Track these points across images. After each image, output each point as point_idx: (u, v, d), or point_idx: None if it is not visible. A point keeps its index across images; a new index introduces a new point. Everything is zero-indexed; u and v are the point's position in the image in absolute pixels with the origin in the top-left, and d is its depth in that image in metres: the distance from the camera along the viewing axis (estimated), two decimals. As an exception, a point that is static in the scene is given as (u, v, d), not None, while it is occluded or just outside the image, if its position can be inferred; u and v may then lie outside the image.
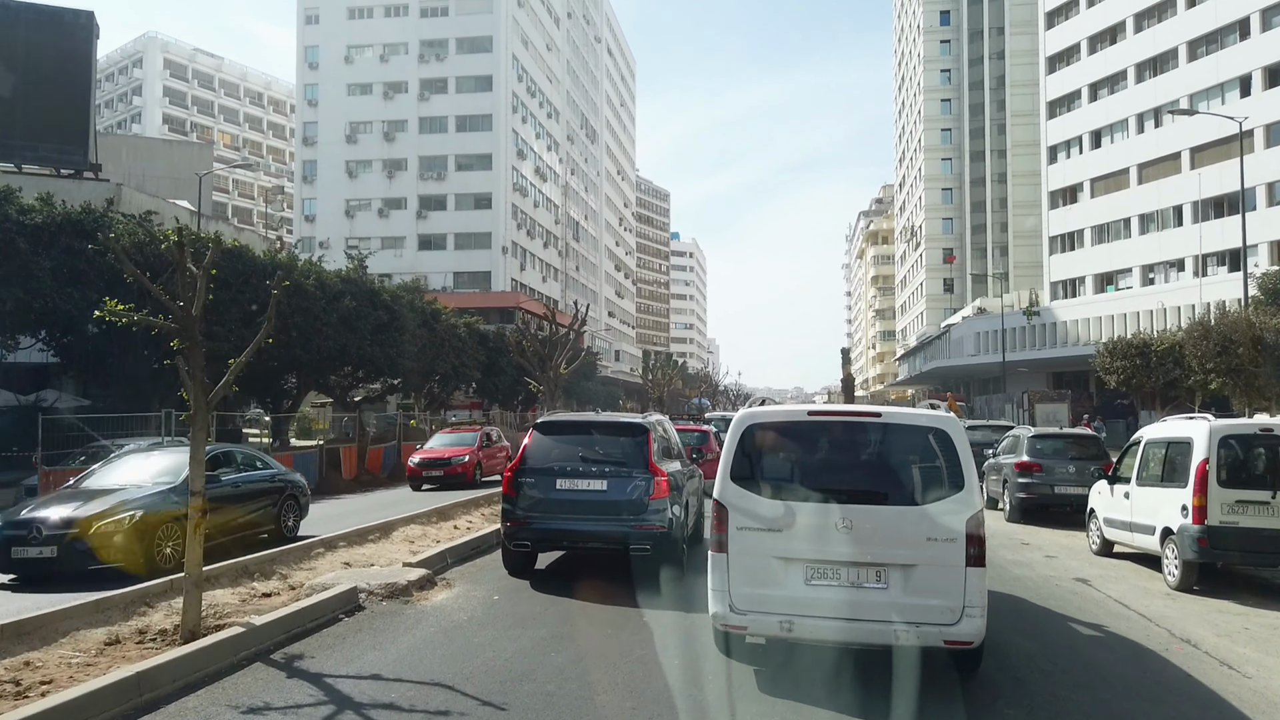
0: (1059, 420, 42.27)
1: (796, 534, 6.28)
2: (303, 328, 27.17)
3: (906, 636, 6.04)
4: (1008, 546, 12.84)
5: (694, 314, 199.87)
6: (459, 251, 68.86)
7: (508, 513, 9.88)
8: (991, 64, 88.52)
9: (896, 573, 6.14)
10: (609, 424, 10.61)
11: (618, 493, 9.56)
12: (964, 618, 6.00)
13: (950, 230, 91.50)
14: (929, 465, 6.39)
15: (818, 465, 6.64)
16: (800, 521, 6.29)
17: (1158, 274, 52.76)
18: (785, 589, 6.25)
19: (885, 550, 6.15)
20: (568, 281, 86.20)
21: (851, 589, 6.17)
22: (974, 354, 63.15)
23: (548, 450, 9.94)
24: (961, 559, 6.05)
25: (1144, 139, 53.19)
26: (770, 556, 6.31)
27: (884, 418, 6.78)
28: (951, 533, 6.09)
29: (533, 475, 9.77)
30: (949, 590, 6.04)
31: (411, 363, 34.75)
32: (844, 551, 6.17)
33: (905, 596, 6.09)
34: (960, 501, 6.18)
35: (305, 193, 70.88)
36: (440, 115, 69.47)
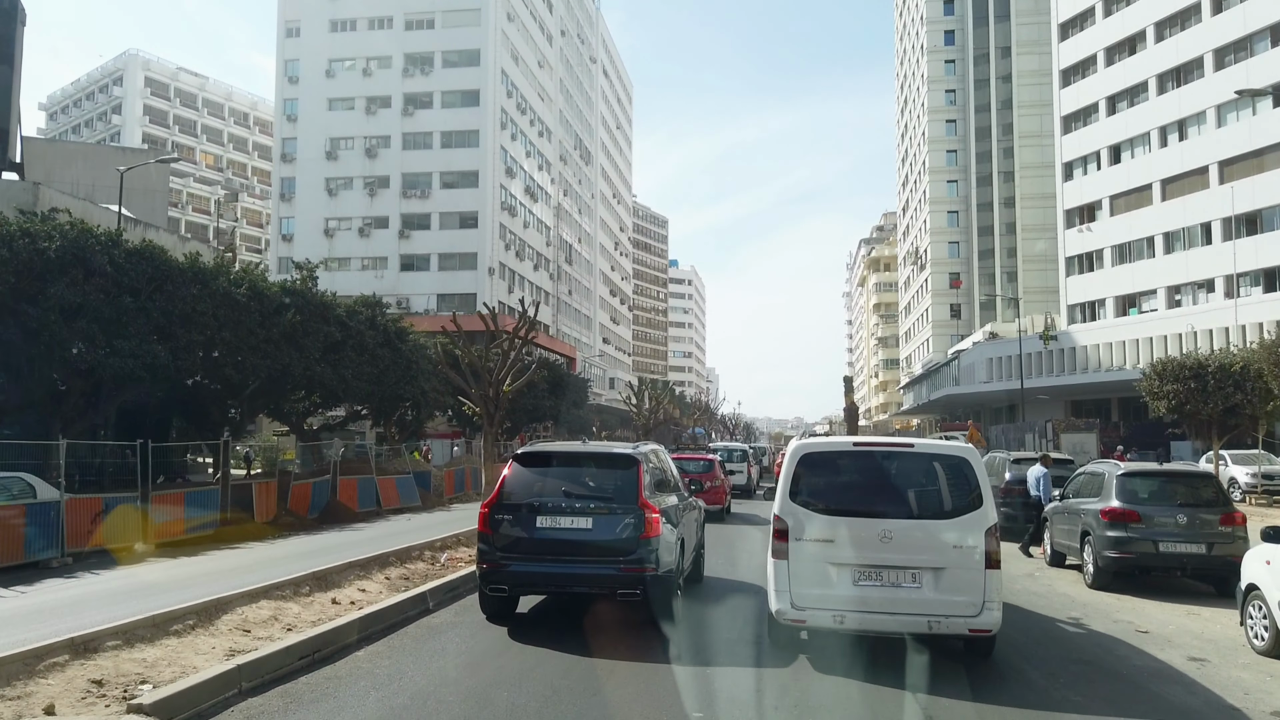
0: (1087, 452, 38.61)
1: (845, 544, 7.54)
2: (233, 344, 23.63)
3: (938, 626, 7.34)
4: (1120, 633, 9.19)
5: (693, 342, 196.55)
6: (443, 273, 65.46)
7: (484, 553, 9.01)
8: (998, 86, 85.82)
9: (929, 575, 7.43)
10: (596, 455, 9.83)
11: (604, 532, 8.72)
12: (984, 610, 7.35)
13: (957, 254, 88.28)
14: (953, 487, 7.72)
15: (862, 487, 7.90)
16: (848, 534, 7.56)
17: (1184, 295, 49.34)
18: (837, 589, 7.52)
19: (919, 556, 7.44)
20: (560, 306, 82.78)
21: (892, 588, 7.44)
22: (986, 381, 59.58)
23: (528, 484, 9.09)
24: (982, 563, 7.41)
25: (1167, 153, 50.01)
26: (824, 562, 7.59)
27: (916, 448, 8.25)
28: (973, 541, 7.46)
29: (511, 512, 8.91)
30: (972, 588, 7.37)
31: (370, 386, 31.17)
32: (885, 558, 7.45)
33: (937, 594, 7.39)
34: (979, 516, 7.57)
35: (283, 211, 67.62)
36: (425, 131, 66.39)
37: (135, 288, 20.35)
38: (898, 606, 7.40)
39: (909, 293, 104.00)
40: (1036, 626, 9.32)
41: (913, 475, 7.96)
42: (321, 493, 20.14)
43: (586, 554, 8.71)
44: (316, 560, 12.11)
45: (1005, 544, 15.73)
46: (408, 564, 11.89)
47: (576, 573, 8.80)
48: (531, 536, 8.77)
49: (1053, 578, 12.72)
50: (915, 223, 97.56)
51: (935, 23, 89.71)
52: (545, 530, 8.76)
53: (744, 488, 29.89)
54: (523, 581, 9.00)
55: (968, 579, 7.38)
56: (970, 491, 7.68)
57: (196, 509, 15.67)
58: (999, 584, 7.47)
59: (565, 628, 9.06)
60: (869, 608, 7.42)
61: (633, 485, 8.94)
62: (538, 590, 9.50)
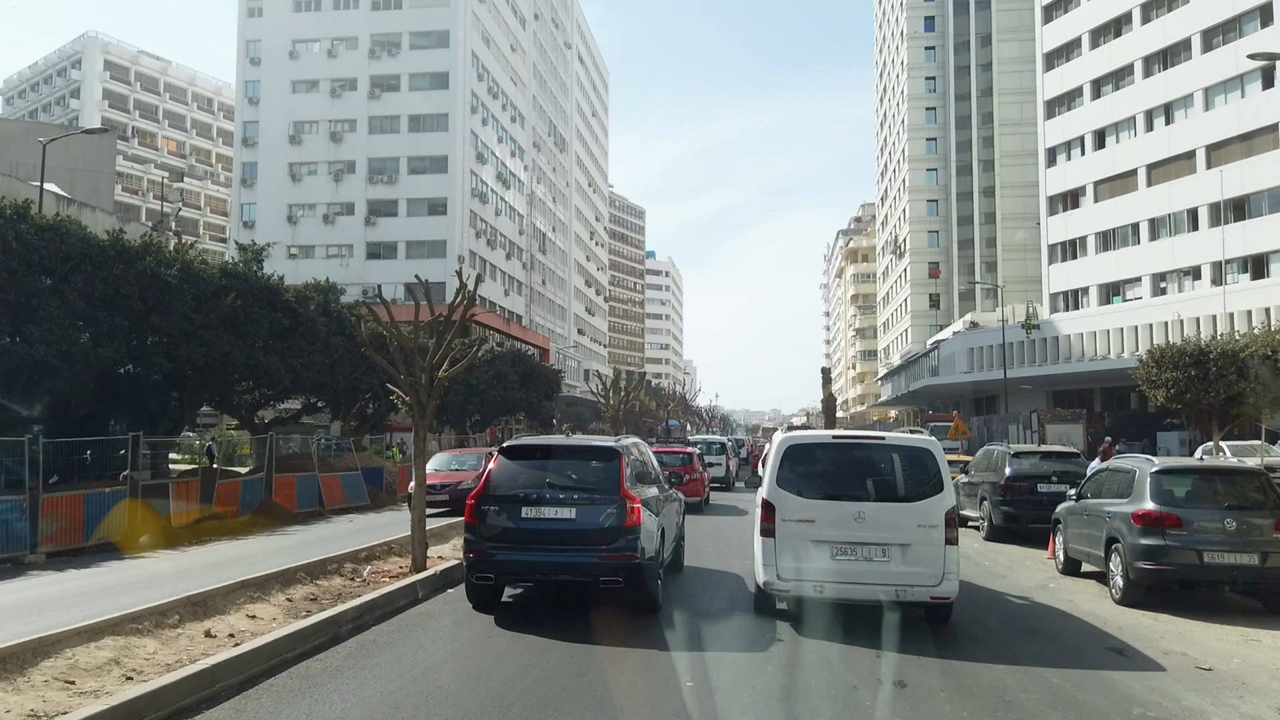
0: (1074, 443, 37.38)
1: (825, 523, 8.69)
2: (163, 329, 21.69)
3: (905, 595, 8.52)
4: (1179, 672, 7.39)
5: (670, 334, 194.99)
6: (411, 261, 63.18)
7: (470, 543, 9.32)
8: (979, 73, 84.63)
9: (896, 550, 8.55)
10: (579, 448, 10.02)
11: (587, 521, 9.05)
12: (944, 580, 8.44)
13: (936, 244, 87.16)
14: (918, 474, 8.85)
15: (839, 474, 9.10)
16: (827, 515, 8.73)
17: (1170, 283, 48.24)
18: (817, 563, 8.64)
19: (888, 534, 8.57)
20: (533, 296, 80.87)
21: (865, 562, 8.57)
22: (967, 371, 58.37)
23: (513, 476, 9.38)
24: (942, 539, 8.48)
25: (1153, 137, 48.82)
26: (806, 540, 8.70)
27: (887, 440, 9.42)
28: (935, 521, 8.53)
29: (496, 503, 9.20)
30: (933, 561, 8.46)
31: (323, 376, 29.27)
32: (859, 535, 8.59)
33: (903, 566, 8.50)
34: (940, 500, 8.65)
35: (244, 197, 65.20)
36: (392, 114, 64.18)
37: (48, 267, 18.42)
38: (870, 578, 8.49)
39: (887, 283, 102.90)
40: (1070, 658, 7.81)
41: (882, 464, 9.02)
42: (254, 492, 18.31)
43: (570, 543, 9.01)
44: (217, 575, 10.35)
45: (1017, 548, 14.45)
46: (321, 579, 10.13)
47: (561, 561, 9.05)
48: (517, 526, 9.02)
49: (1071, 590, 11.20)
50: (894, 212, 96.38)
51: (915, 9, 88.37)
52: (530, 520, 9.00)
53: (723, 480, 30.08)
54: (508, 570, 9.22)
55: (930, 554, 8.44)
56: (932, 478, 8.77)
57: (98, 512, 13.81)
58: (956, 558, 8.56)
59: (548, 616, 9.20)
60: (845, 579, 8.53)
61: (615, 477, 9.20)
62: (523, 579, 9.64)
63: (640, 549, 8.92)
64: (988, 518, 15.84)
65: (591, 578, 8.99)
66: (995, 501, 15.33)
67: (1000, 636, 8.61)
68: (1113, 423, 44.36)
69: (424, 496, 11.82)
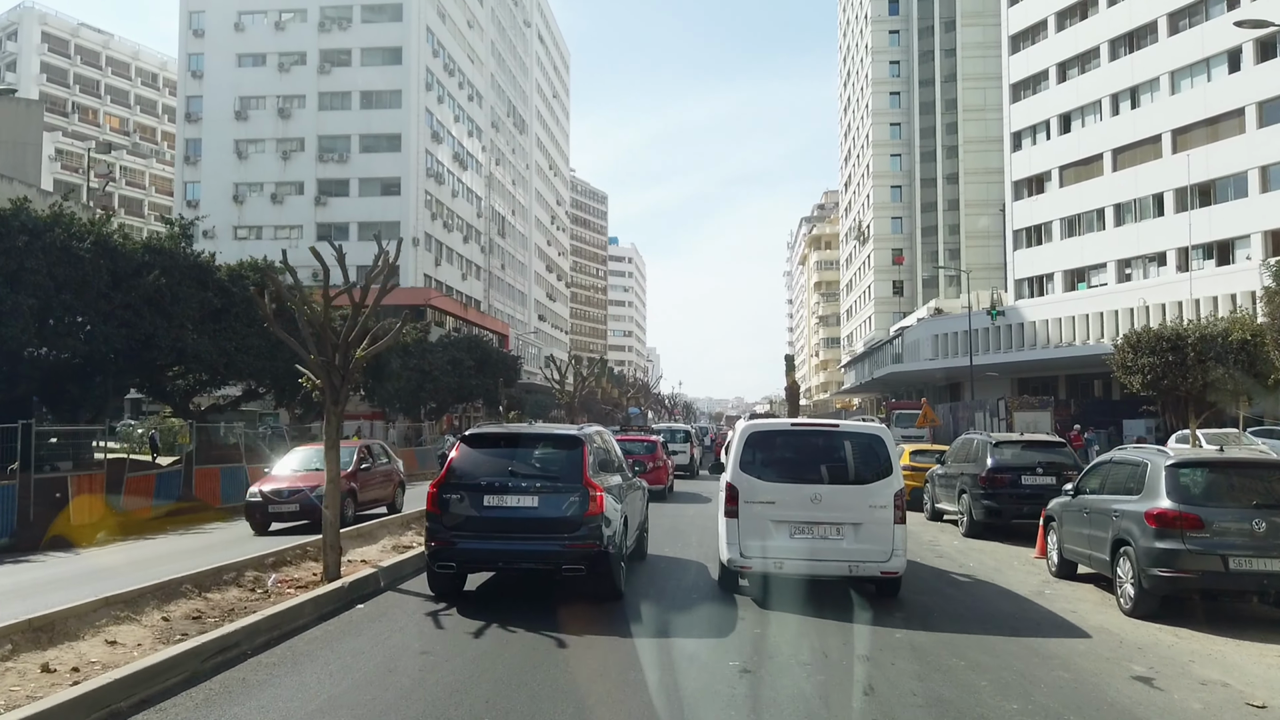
0: (1041, 431, 36.73)
1: (784, 505, 9.31)
2: (76, 308, 19.92)
3: (857, 570, 9.19)
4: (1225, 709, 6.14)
5: (633, 321, 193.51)
6: (364, 243, 60.97)
7: (433, 531, 9.22)
8: (943, 59, 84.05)
9: (850, 529, 9.19)
10: (541, 436, 10.00)
11: (550, 509, 9.03)
12: (893, 557, 9.11)
13: (900, 230, 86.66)
14: (869, 460, 9.51)
15: (797, 460, 9.65)
16: (786, 497, 9.33)
17: (1135, 269, 47.86)
18: (776, 541, 9.27)
19: (843, 514, 9.20)
20: (491, 280, 79.01)
21: (821, 540, 9.20)
22: (931, 358, 57.75)
23: (475, 464, 9.34)
24: (891, 519, 9.15)
25: (1119, 121, 48.32)
26: (767, 520, 9.33)
27: (840, 428, 10.27)
28: (885, 502, 9.19)
29: (458, 491, 9.15)
30: (883, 539, 9.12)
31: (261, 361, 27.52)
32: (815, 515, 9.22)
33: (856, 544, 9.15)
34: (889, 483, 9.31)
35: (187, 175, 62.57)
36: (343, 90, 61.89)
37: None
38: (825, 554, 9.11)
39: (850, 270, 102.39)
40: (1095, 694, 6.40)
41: (837, 450, 9.61)
42: (169, 485, 16.67)
43: (532, 531, 9.00)
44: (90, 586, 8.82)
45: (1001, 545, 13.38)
46: (212, 592, 8.65)
47: (523, 549, 9.06)
48: (479, 515, 9.00)
49: (1071, 598, 10.12)
50: (858, 198, 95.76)
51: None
52: (492, 508, 8.98)
53: (686, 467, 30.23)
54: (470, 558, 9.21)
55: (880, 532, 9.08)
56: (882, 463, 9.43)
57: (-24, 512, 12.16)
58: (904, 536, 9.22)
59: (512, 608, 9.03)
60: (802, 556, 9.13)
61: (577, 465, 9.20)
62: (485, 567, 9.63)
63: (603, 537, 8.95)
64: (967, 512, 14.74)
65: (554, 566, 9.02)
66: (976, 495, 14.21)
67: (1001, 658, 7.28)
68: (1079, 410, 43.92)
69: (337, 496, 10.39)
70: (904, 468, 19.38)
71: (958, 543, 14.13)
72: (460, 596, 9.48)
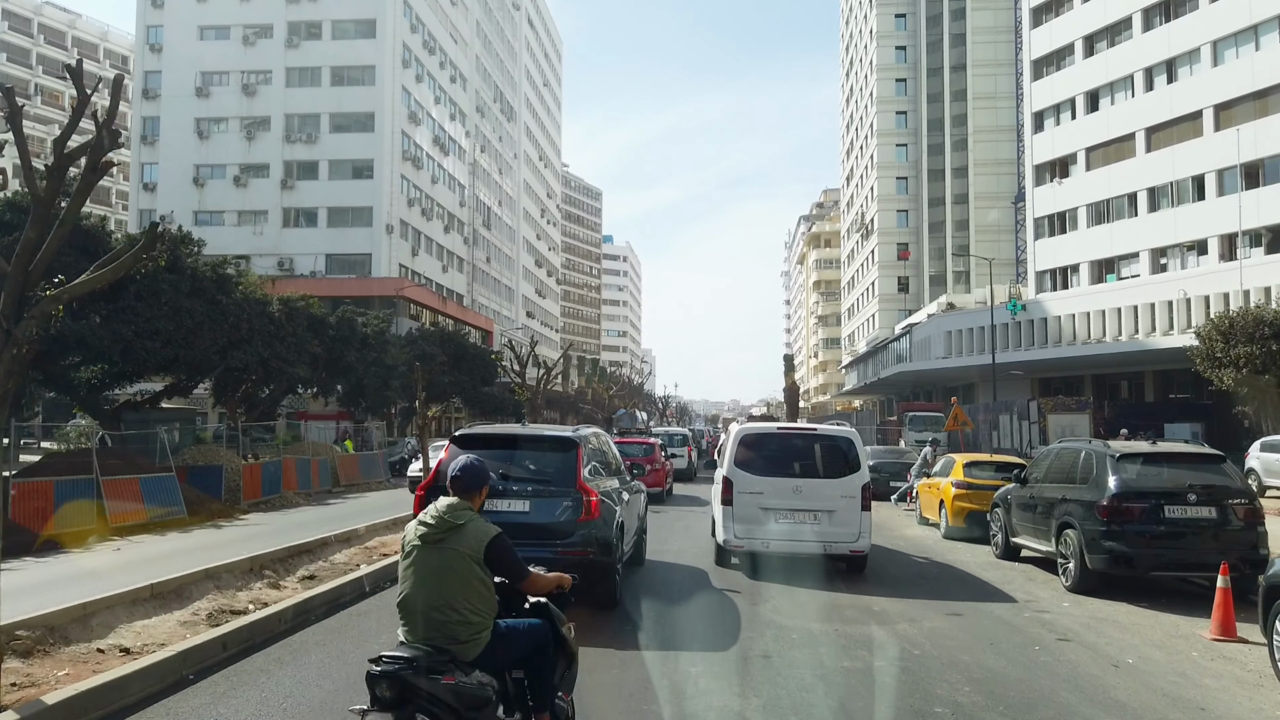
0: (1078, 435, 32.49)
1: (770, 495, 11.18)
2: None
3: (831, 549, 11.10)
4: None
5: (628, 321, 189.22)
6: (333, 229, 56.96)
7: None
8: (951, 48, 79.93)
9: (825, 515, 11.08)
10: (534, 437, 9.69)
11: (542, 514, 8.78)
12: (860, 538, 11.04)
13: (905, 224, 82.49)
14: (841, 458, 11.36)
15: (782, 457, 11.64)
16: (772, 488, 11.21)
17: (1171, 258, 43.66)
18: (764, 525, 11.15)
19: (819, 503, 11.09)
20: (475, 274, 74.70)
21: (801, 524, 11.08)
22: (944, 356, 53.51)
23: None
24: (859, 507, 11.04)
25: (1154, 98, 44.13)
26: (756, 507, 11.21)
27: (819, 431, 12.35)
28: (854, 493, 11.06)
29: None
30: (852, 523, 11.03)
31: (173, 349, 23.21)
32: (796, 504, 11.12)
33: (830, 527, 11.04)
34: (857, 477, 11.21)
35: (144, 156, 58.24)
36: (313, 66, 57.61)
37: None
38: (804, 536, 11.11)
39: (853, 266, 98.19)
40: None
41: (814, 450, 11.59)
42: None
43: (524, 537, 8.26)
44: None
45: (1137, 611, 9.10)
46: None
47: None
48: None
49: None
50: (860, 192, 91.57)
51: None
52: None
53: (684, 471, 30.10)
54: None
55: (850, 518, 11.09)
56: (850, 461, 11.42)
57: None
58: (870, 521, 11.23)
59: None
60: (785, 538, 11.13)
61: (571, 468, 9.02)
62: None
63: (597, 544, 8.83)
64: (1076, 556, 10.09)
65: None
66: (1093, 532, 9.72)
67: None
68: (1113, 412, 39.72)
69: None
70: (958, 484, 15.41)
71: (1068, 604, 9.68)
72: None
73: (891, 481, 22.91)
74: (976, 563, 12.84)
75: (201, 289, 24.33)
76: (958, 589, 10.78)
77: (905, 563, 12.86)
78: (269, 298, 28.07)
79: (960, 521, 14.91)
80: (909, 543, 15.13)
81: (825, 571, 11.18)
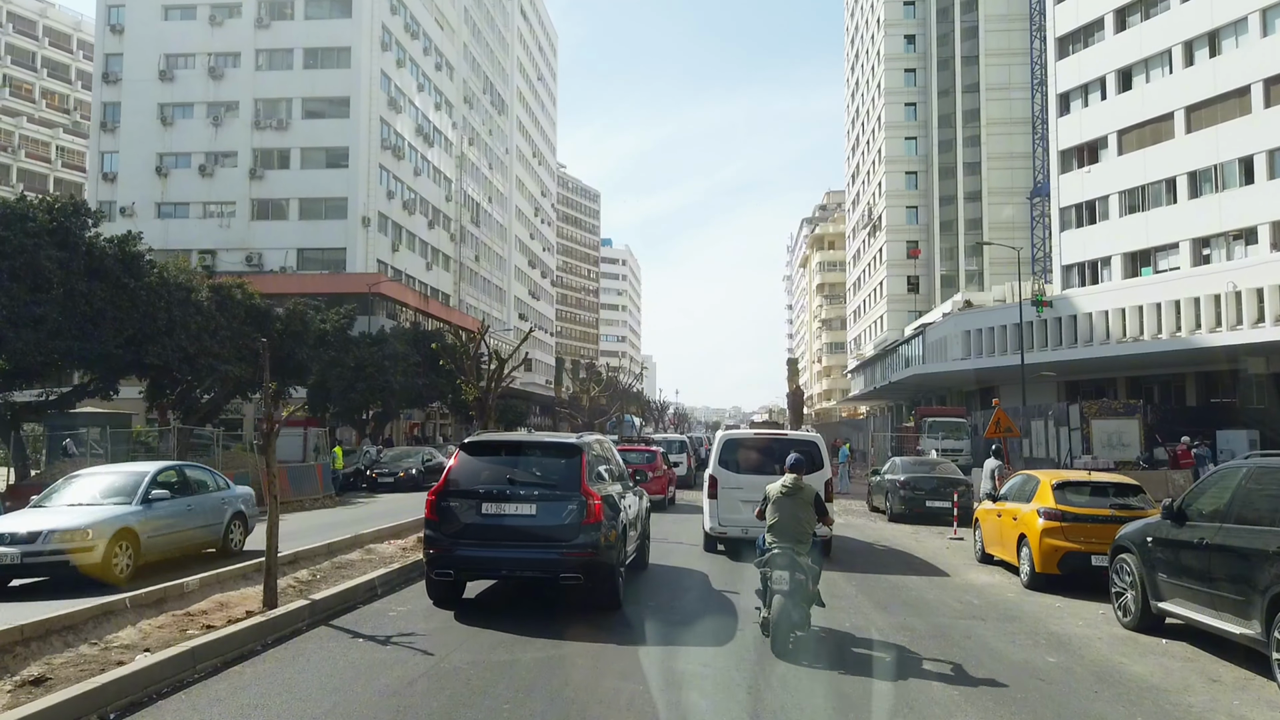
0: (1127, 444, 28.64)
1: (748, 489, 12.65)
2: None
3: None
4: None
5: (627, 326, 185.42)
6: (306, 222, 53.16)
7: (430, 539, 9.38)
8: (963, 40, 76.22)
9: None
10: (540, 444, 10.12)
11: (548, 517, 9.15)
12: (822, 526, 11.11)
13: (915, 220, 78.63)
14: (808, 458, 11.11)
15: (758, 458, 13.82)
16: (750, 483, 12.68)
17: (1216, 249, 39.77)
18: (743, 515, 12.81)
19: None
20: (463, 273, 70.87)
21: None
22: (963, 358, 49.57)
23: (474, 471, 9.49)
24: (822, 498, 10.36)
25: (1195, 73, 40.30)
26: (737, 500, 13.32)
27: (789, 436, 15.29)
28: (818, 486, 11.16)
29: (457, 498, 9.31)
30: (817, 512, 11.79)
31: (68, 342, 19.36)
32: None
33: None
34: (823, 474, 13.19)
35: (104, 144, 54.44)
36: (284, 47, 53.89)
37: None
38: None
39: (859, 266, 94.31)
40: None
41: (786, 451, 10.70)
42: None
43: (530, 539, 9.06)
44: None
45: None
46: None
47: (520, 557, 9.12)
48: (477, 522, 9.12)
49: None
50: (868, 188, 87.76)
51: (892, -38, 79.60)
52: (490, 516, 9.10)
53: (683, 478, 30.10)
54: (468, 566, 9.27)
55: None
56: (816, 461, 13.10)
57: None
58: (832, 511, 11.62)
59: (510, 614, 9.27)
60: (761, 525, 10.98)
61: (575, 473, 9.32)
62: (483, 574, 9.74)
63: (600, 546, 9.11)
64: None
65: (551, 574, 9.11)
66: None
67: None
68: (1155, 418, 35.77)
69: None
70: (1048, 513, 11.28)
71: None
72: (458, 605, 9.56)
73: (928, 502, 18.89)
74: (1098, 638, 8.77)
75: (103, 270, 20.51)
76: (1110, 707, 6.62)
77: (995, 641, 8.65)
78: (196, 284, 24.19)
79: (1052, 566, 10.95)
80: (981, 595, 11.21)
81: None
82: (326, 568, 11.37)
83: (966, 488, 18.62)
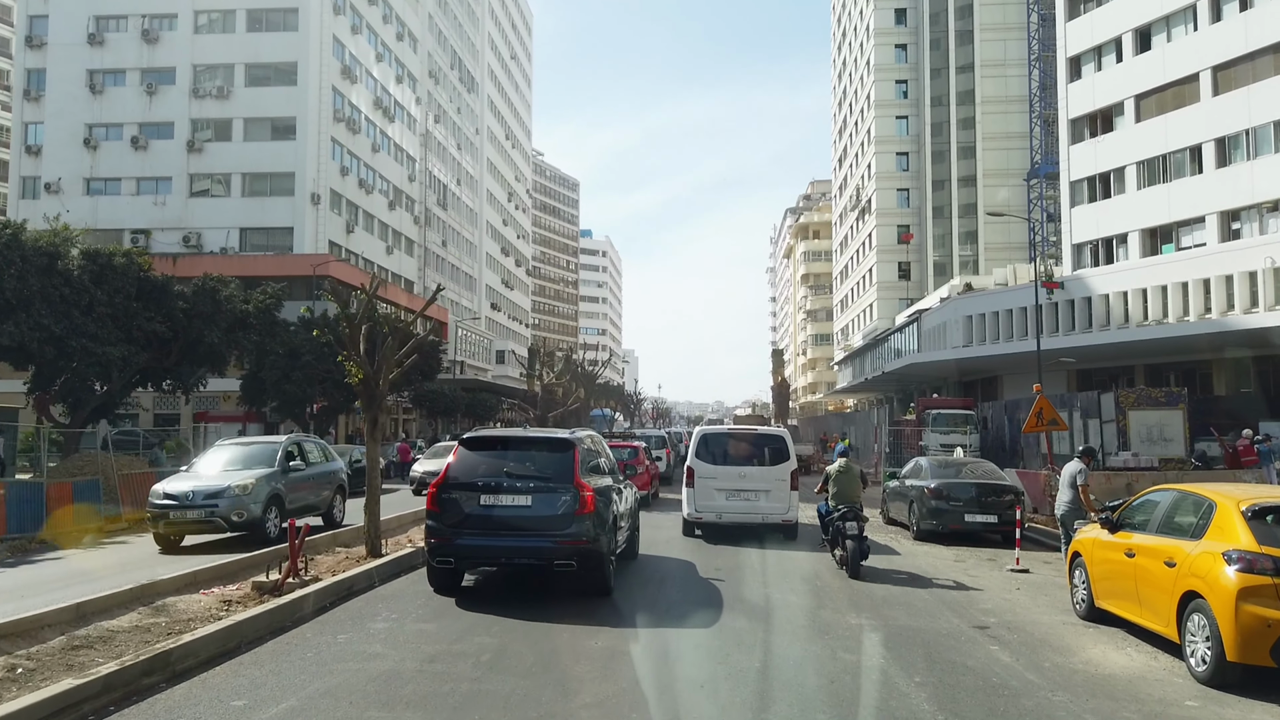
0: (1169, 439, 24.81)
1: (723, 479, 15.12)
2: None
3: (768, 519, 15.16)
4: None
5: (608, 319, 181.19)
6: (249, 199, 48.66)
7: (432, 529, 9.93)
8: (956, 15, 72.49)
9: (763, 494, 15.11)
10: (535, 439, 10.77)
11: (543, 508, 9.62)
12: (790, 510, 15.16)
13: (906, 204, 74.89)
14: (776, 450, 15.34)
15: (731, 450, 15.57)
16: (724, 473, 15.18)
17: (1247, 222, 36.09)
18: (717, 502, 15.09)
19: (759, 485, 15.14)
20: (428, 257, 66.43)
21: (745, 501, 15.07)
22: (964, 345, 45.76)
23: (473, 465, 10.03)
24: (789, 488, 15.06)
25: (1222, 30, 36.60)
26: (712, 488, 15.13)
27: (759, 430, 16.85)
28: (784, 477, 15.10)
29: (456, 490, 9.82)
30: (784, 499, 15.12)
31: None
32: (742, 485, 15.08)
33: (768, 503, 15.11)
34: (788, 465, 15.24)
35: (28, 114, 49.72)
36: (225, 8, 49.34)
37: None
38: (748, 510, 15.07)
39: (846, 253, 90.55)
40: None
41: (756, 444, 15.53)
42: None
43: (526, 529, 9.61)
44: None
45: None
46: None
47: (517, 546, 9.67)
48: (476, 513, 9.65)
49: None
50: (856, 171, 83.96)
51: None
52: (488, 507, 9.63)
53: (663, 474, 29.87)
54: (467, 554, 9.87)
55: (781, 495, 15.08)
56: (784, 452, 15.37)
57: None
58: (797, 498, 15.26)
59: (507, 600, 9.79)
60: (733, 511, 15.04)
61: (569, 466, 9.86)
62: (481, 562, 10.30)
63: (592, 535, 9.63)
64: None
65: (546, 562, 9.64)
66: None
67: None
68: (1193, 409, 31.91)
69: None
70: (1246, 563, 7.20)
71: None
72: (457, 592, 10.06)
73: (967, 515, 14.73)
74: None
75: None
76: None
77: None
78: (61, 249, 19.83)
79: (1262, 653, 6.60)
80: (1138, 706, 6.70)
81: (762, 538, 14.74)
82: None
83: (1017, 496, 14.62)
